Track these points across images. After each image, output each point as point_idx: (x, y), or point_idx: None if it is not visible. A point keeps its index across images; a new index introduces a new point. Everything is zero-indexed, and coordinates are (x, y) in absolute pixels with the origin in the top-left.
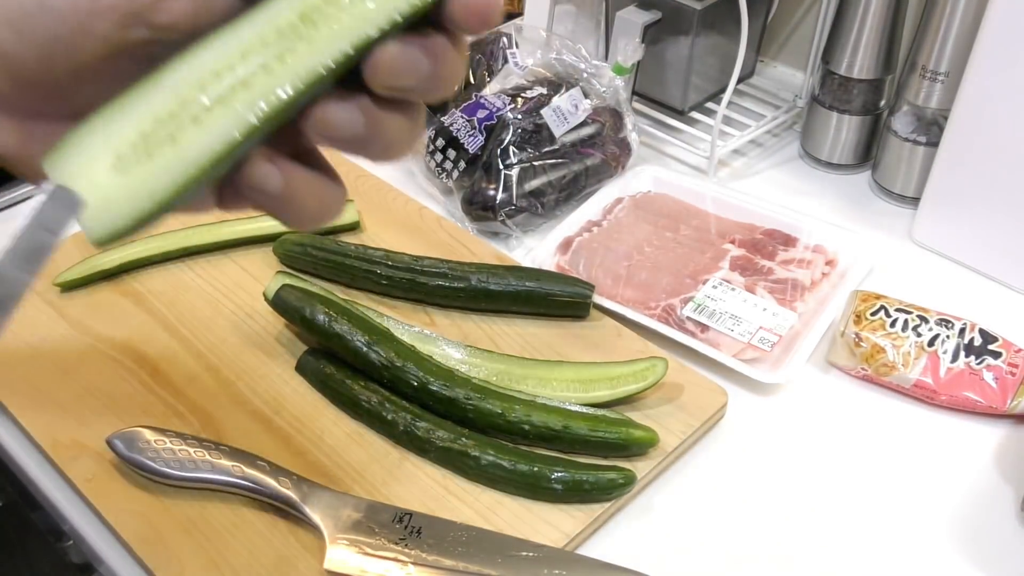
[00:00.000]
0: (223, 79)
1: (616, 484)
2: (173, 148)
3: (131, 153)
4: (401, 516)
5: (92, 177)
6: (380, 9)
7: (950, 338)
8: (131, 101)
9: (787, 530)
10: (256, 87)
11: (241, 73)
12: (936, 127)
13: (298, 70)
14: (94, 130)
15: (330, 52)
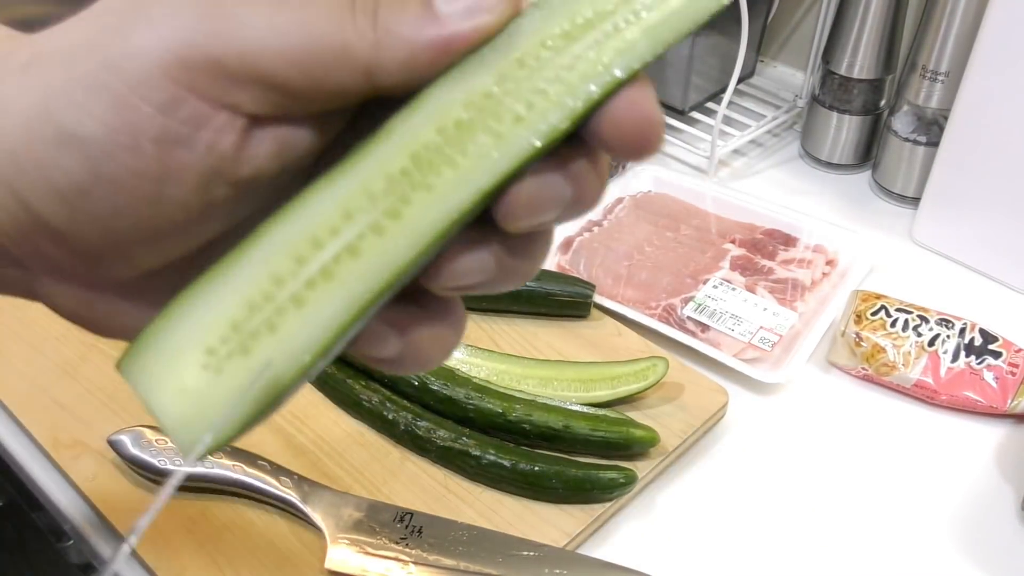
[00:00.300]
0: (324, 247)
1: (617, 484)
2: (273, 337)
3: (223, 347)
4: (402, 515)
5: (180, 381)
6: (511, 139)
7: (950, 338)
8: (215, 283)
9: (788, 530)
10: (367, 253)
11: (346, 237)
12: (936, 127)
13: (417, 226)
14: (174, 323)
15: (455, 200)
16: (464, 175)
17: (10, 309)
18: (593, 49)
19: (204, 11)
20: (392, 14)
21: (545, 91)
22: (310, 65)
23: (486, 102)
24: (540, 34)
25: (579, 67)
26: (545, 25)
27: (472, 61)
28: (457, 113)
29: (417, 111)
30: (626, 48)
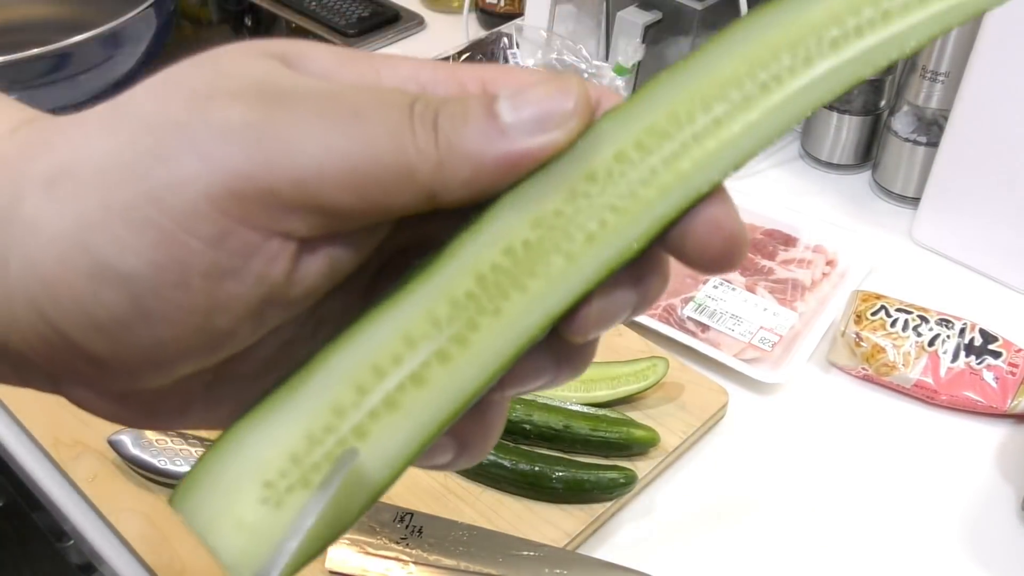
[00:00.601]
0: (387, 376)
1: (617, 483)
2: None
3: (282, 481)
4: (402, 515)
5: (238, 516)
6: (584, 261)
7: (950, 338)
8: (273, 413)
9: (788, 529)
10: (432, 382)
11: (410, 366)
12: (936, 127)
13: (485, 353)
14: (230, 456)
15: (525, 325)
16: (534, 299)
17: None
18: (670, 162)
19: (254, 136)
20: (455, 127)
21: (619, 208)
22: (369, 189)
23: (556, 220)
24: (613, 145)
25: (655, 181)
26: (618, 135)
27: (539, 174)
28: (525, 233)
29: (482, 230)
30: (705, 161)
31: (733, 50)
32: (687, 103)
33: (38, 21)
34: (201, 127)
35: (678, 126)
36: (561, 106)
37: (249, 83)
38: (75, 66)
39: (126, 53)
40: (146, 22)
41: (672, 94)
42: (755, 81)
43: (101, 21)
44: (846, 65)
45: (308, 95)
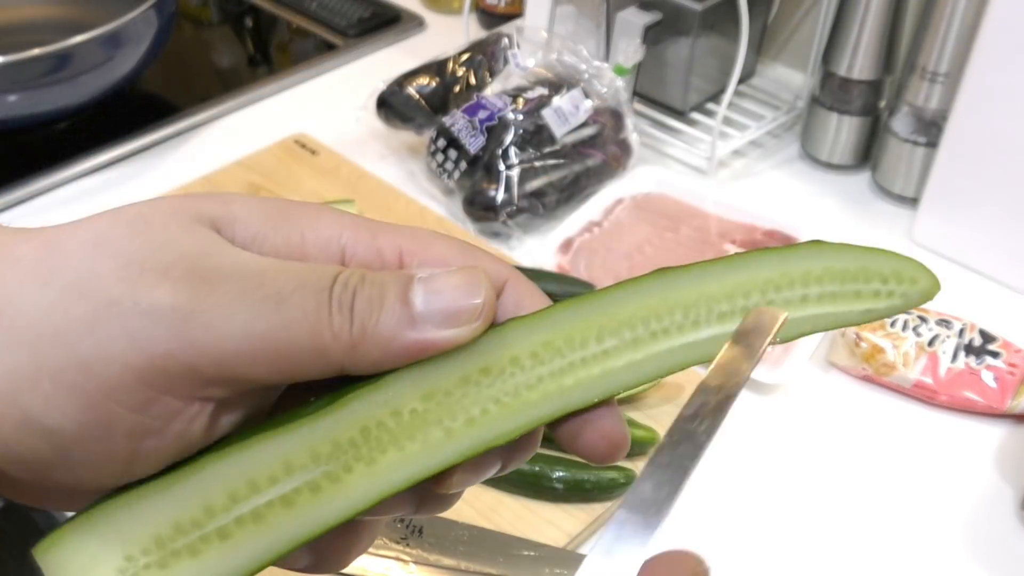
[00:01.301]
0: (261, 492)
1: (617, 483)
2: (194, 561)
3: (142, 559)
4: (402, 515)
5: None
6: (460, 438)
7: (950, 338)
8: (149, 496)
9: (788, 529)
10: (300, 508)
11: (283, 488)
12: (936, 128)
13: (352, 496)
14: (102, 525)
15: (394, 478)
16: (407, 459)
17: None
18: (556, 375)
19: (180, 319)
20: (371, 312)
21: (502, 402)
22: (284, 365)
23: (444, 399)
24: (511, 349)
25: (539, 387)
26: (518, 342)
27: (441, 356)
28: (414, 403)
29: (378, 390)
30: (586, 382)
31: (638, 298)
32: (584, 331)
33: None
34: (130, 307)
35: (571, 348)
36: (469, 303)
37: (178, 258)
38: (75, 66)
39: (126, 53)
40: (146, 22)
41: (574, 320)
42: (647, 328)
43: (101, 21)
44: (725, 336)
45: (233, 276)
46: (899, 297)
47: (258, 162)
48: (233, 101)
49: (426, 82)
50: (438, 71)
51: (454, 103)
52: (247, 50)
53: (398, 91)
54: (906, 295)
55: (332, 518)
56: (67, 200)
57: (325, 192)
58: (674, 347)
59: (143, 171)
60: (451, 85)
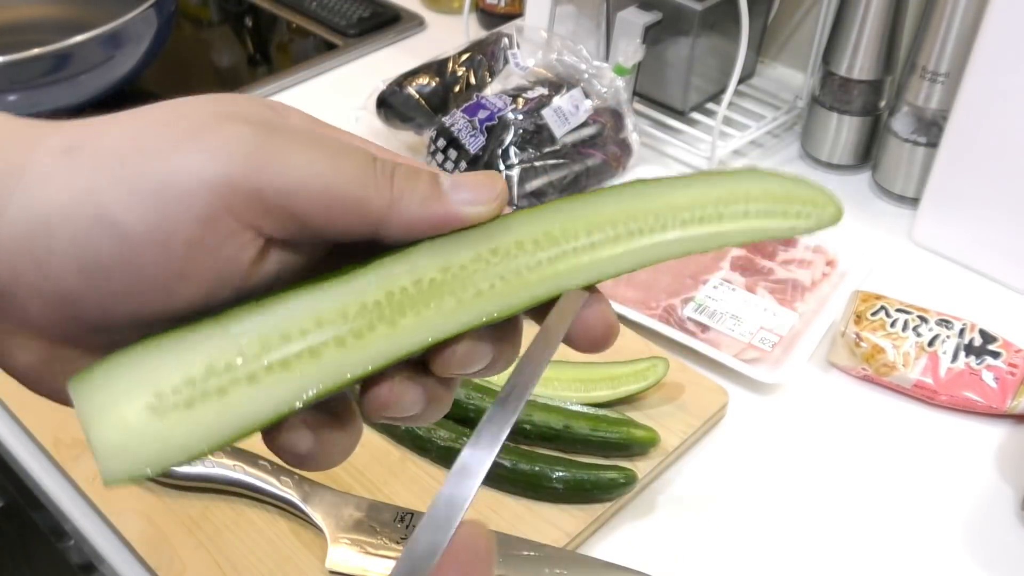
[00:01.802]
0: (292, 343)
1: (617, 484)
2: (220, 402)
3: (172, 397)
4: (402, 515)
5: (122, 414)
6: (469, 308)
7: (950, 338)
8: (188, 339)
9: (787, 529)
10: (325, 360)
11: (312, 341)
12: (936, 128)
13: (372, 352)
14: (136, 362)
15: (410, 340)
16: (423, 323)
17: None
18: (553, 260)
19: (255, 149)
20: (407, 182)
21: (507, 279)
22: (333, 208)
23: (459, 272)
24: (517, 235)
25: (538, 270)
26: (523, 230)
27: (460, 235)
28: (433, 273)
29: (402, 260)
30: (576, 268)
31: (619, 202)
32: (575, 225)
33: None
34: (215, 134)
35: (565, 238)
36: (488, 191)
37: (256, 115)
38: (75, 66)
39: (126, 53)
40: (146, 22)
41: (568, 215)
42: (626, 227)
43: (101, 21)
44: (688, 239)
45: (300, 133)
46: (814, 219)
47: None
48: None
49: (426, 82)
50: (438, 71)
51: (454, 103)
52: (247, 50)
53: (398, 91)
54: (819, 218)
55: (354, 371)
56: None
57: None
58: (646, 245)
59: None
60: (451, 85)
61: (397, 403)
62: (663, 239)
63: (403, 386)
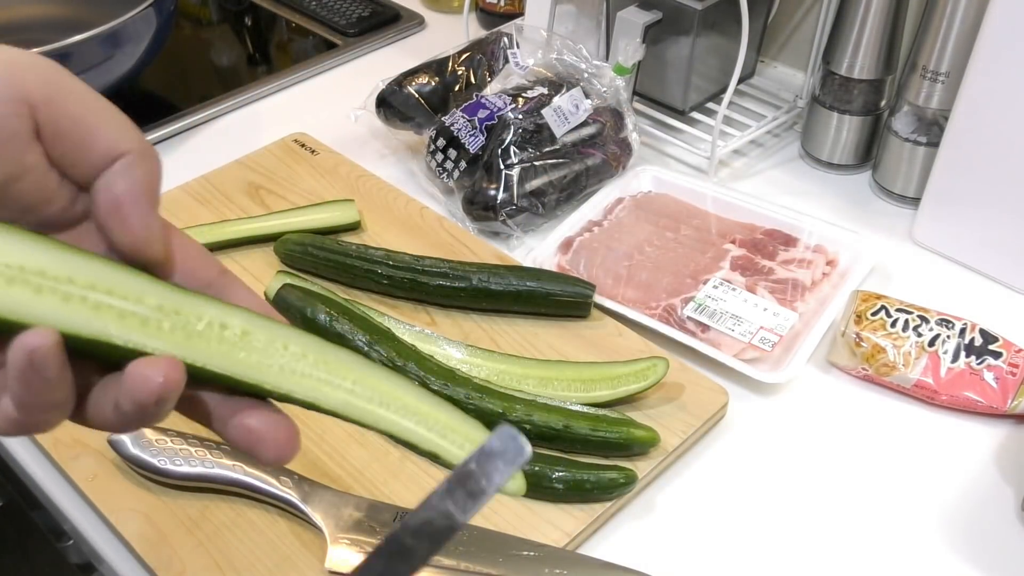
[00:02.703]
0: (95, 290)
1: (617, 483)
2: (34, 297)
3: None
4: (402, 515)
5: None
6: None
7: (951, 338)
8: (28, 239)
9: (788, 529)
10: (103, 314)
11: (104, 299)
12: (936, 127)
13: (122, 332)
14: None
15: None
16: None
17: None
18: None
19: (50, 65)
20: (135, 167)
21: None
22: (88, 127)
23: (177, 316)
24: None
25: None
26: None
27: (187, 295)
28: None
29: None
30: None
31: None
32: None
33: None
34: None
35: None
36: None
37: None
38: (75, 66)
39: (126, 53)
40: (146, 22)
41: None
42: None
43: (101, 21)
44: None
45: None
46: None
47: (257, 161)
48: (232, 100)
49: (426, 81)
50: (438, 70)
51: (454, 102)
52: (246, 49)
53: (398, 90)
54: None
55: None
56: None
57: (324, 191)
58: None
59: None
60: (451, 84)
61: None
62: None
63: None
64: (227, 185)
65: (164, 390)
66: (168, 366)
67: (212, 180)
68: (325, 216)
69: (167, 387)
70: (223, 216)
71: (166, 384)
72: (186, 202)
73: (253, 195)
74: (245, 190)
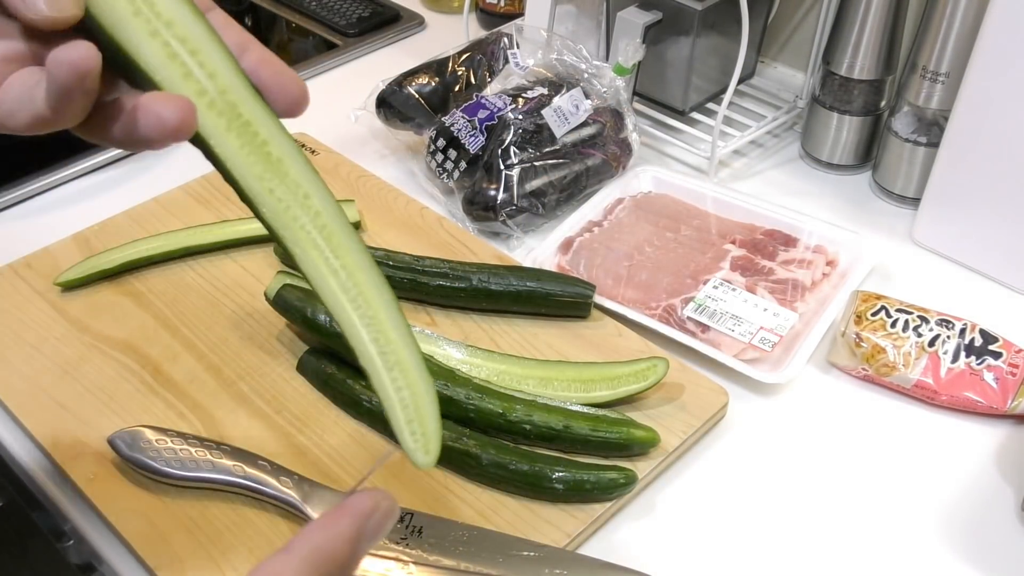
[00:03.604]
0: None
1: (617, 484)
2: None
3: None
4: (402, 516)
5: None
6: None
7: (951, 338)
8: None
9: (788, 530)
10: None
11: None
12: (936, 128)
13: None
14: None
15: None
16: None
17: (11, 309)
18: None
19: None
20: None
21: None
22: None
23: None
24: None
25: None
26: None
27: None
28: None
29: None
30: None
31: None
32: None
33: None
34: None
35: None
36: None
37: None
38: None
39: None
40: None
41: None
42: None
43: None
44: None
45: None
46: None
47: None
48: None
49: (426, 81)
50: (438, 70)
51: (454, 102)
52: None
53: (398, 90)
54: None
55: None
56: (66, 199)
57: None
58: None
59: (142, 170)
60: (451, 84)
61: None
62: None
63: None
64: (227, 185)
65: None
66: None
67: (212, 180)
68: None
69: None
70: (223, 216)
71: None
72: (186, 202)
73: None
74: None
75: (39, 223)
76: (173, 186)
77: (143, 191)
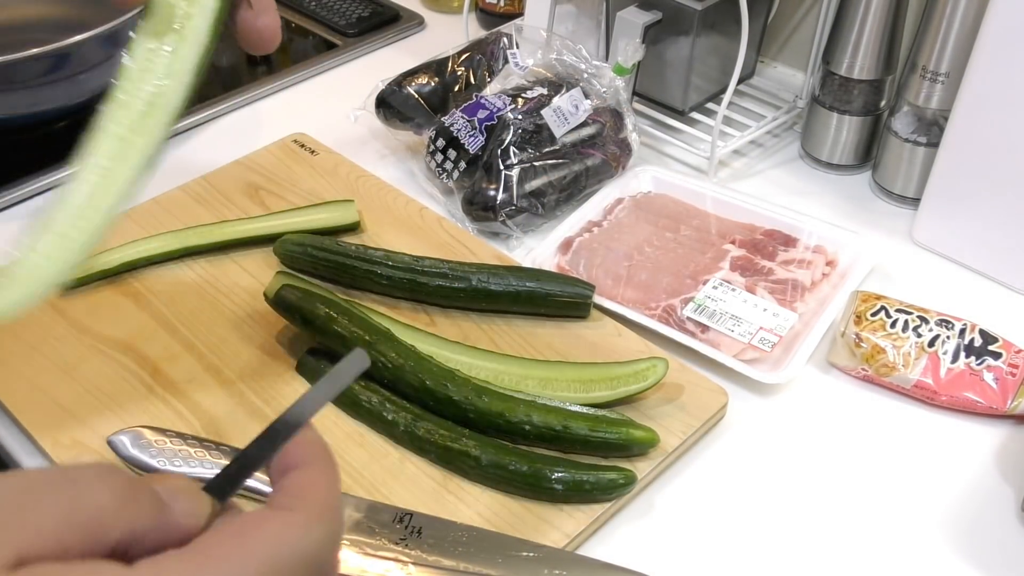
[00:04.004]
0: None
1: (617, 484)
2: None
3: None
4: (401, 516)
5: None
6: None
7: (950, 339)
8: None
9: (787, 530)
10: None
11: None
12: (936, 127)
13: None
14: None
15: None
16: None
17: None
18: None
19: None
20: None
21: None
22: None
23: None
24: None
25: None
26: None
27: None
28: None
29: None
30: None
31: None
32: None
33: (38, 21)
34: None
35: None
36: None
37: None
38: (75, 66)
39: None
40: None
41: None
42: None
43: (101, 21)
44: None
45: None
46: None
47: (257, 162)
48: (232, 100)
49: (425, 81)
50: (437, 70)
51: (453, 102)
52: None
53: (397, 90)
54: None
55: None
56: None
57: (324, 192)
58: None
59: None
60: (450, 84)
61: None
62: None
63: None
64: (227, 185)
65: None
66: None
67: (212, 180)
68: (325, 217)
69: None
70: (222, 216)
71: None
72: (186, 202)
73: (253, 195)
74: (245, 190)
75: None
76: (172, 186)
77: (142, 191)
